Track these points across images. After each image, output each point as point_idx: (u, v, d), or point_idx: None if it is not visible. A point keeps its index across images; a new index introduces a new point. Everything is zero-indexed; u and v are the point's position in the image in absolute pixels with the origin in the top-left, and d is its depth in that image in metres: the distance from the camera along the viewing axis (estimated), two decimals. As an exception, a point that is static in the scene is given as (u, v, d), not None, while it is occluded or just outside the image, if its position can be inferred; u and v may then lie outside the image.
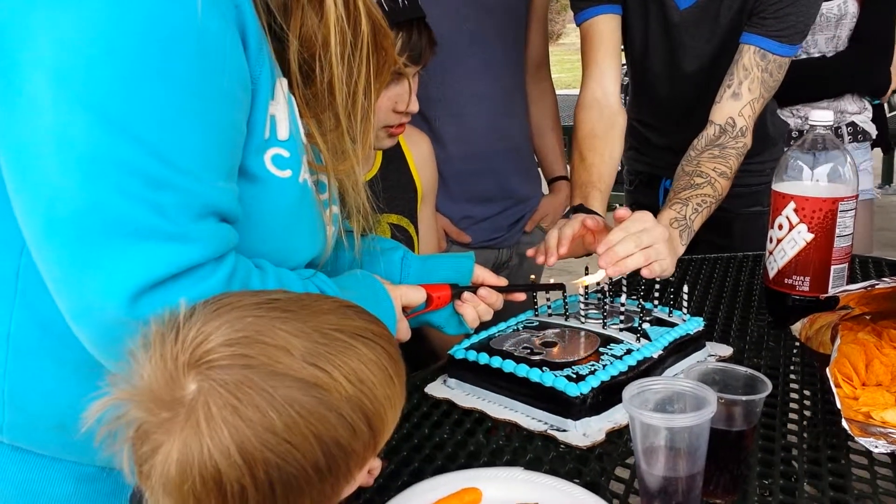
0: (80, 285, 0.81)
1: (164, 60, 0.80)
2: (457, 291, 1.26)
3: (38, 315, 0.90)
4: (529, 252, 1.47)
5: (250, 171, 0.93)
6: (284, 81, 0.95)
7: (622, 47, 1.88)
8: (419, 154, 1.79)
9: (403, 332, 1.18)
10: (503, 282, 1.31)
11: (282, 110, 0.95)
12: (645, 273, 1.38)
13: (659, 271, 1.40)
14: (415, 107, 1.54)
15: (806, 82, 2.31)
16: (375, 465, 1.02)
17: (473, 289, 1.28)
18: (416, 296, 1.20)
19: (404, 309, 1.18)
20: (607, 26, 1.79)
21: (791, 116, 2.39)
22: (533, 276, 1.37)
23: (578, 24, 1.83)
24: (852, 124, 2.44)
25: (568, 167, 2.36)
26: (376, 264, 1.27)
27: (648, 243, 1.37)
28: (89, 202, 0.78)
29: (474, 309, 1.27)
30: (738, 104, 1.71)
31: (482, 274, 1.30)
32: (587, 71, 1.82)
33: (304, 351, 0.71)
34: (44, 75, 0.77)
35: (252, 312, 0.73)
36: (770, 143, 1.85)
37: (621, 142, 1.78)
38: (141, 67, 0.79)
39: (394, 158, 1.72)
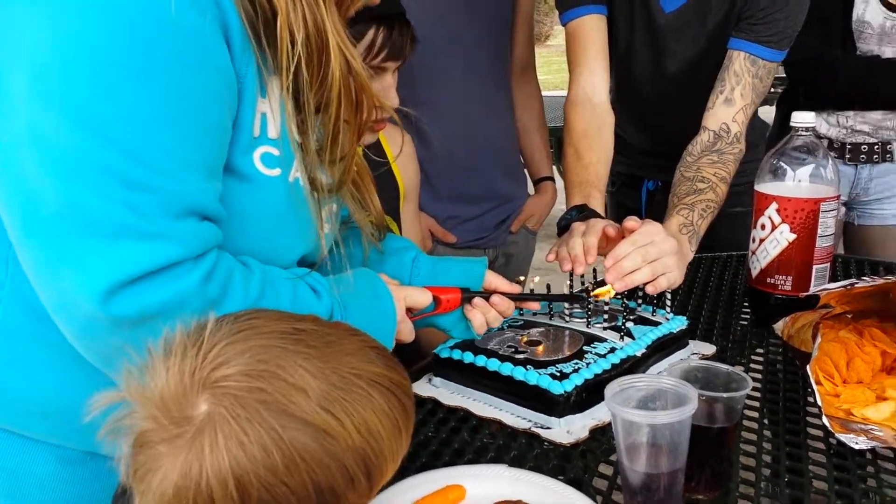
0: (57, 281, 0.82)
1: (140, 61, 0.80)
2: (467, 296, 1.23)
3: (27, 302, 0.91)
4: (550, 257, 1.43)
5: (238, 169, 0.93)
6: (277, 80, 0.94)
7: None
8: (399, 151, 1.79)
9: (406, 333, 1.16)
10: (517, 289, 1.28)
11: (273, 108, 0.94)
12: (649, 290, 1.36)
13: (666, 285, 1.38)
14: (395, 101, 1.54)
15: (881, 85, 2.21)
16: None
17: (486, 295, 1.24)
18: (422, 298, 1.17)
19: (410, 310, 1.17)
20: (594, 26, 1.79)
21: (836, 126, 2.30)
22: (521, 278, 1.36)
23: (564, 24, 1.83)
24: None
25: (554, 168, 2.38)
26: (386, 263, 1.26)
27: (655, 256, 1.35)
28: (66, 202, 0.79)
29: (483, 315, 1.24)
30: (731, 110, 1.72)
31: (494, 280, 1.27)
32: (576, 69, 1.81)
33: (320, 394, 0.70)
34: (22, 76, 0.78)
35: (277, 342, 0.72)
36: (751, 144, 1.87)
37: (612, 142, 1.78)
38: (117, 69, 0.79)
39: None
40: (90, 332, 0.84)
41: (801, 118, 1.48)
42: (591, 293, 1.33)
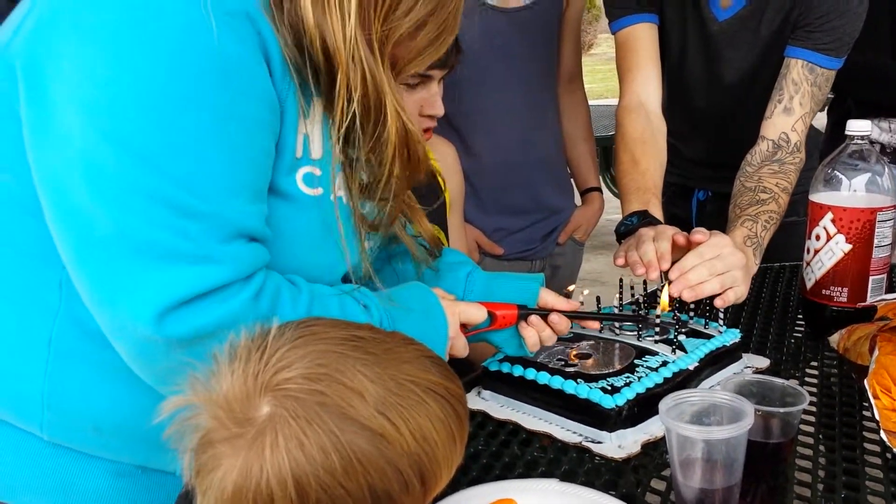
0: (111, 305, 0.85)
1: (187, 91, 0.82)
2: (523, 313, 1.21)
3: (80, 322, 0.93)
4: (619, 262, 1.42)
5: (281, 189, 0.95)
6: (321, 100, 0.96)
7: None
8: (445, 163, 1.80)
9: (460, 348, 1.15)
10: (574, 306, 1.26)
11: (316, 129, 0.96)
12: (718, 303, 1.35)
13: (733, 299, 1.36)
14: (440, 110, 1.54)
15: None
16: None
17: (544, 313, 1.22)
18: (477, 314, 1.16)
19: (465, 326, 1.16)
20: (645, 34, 1.78)
21: (888, 132, 2.26)
22: (571, 288, 1.35)
23: (614, 33, 1.82)
24: None
25: (600, 178, 2.37)
26: (442, 279, 1.26)
27: (723, 270, 1.34)
28: (118, 229, 0.82)
29: (538, 333, 1.22)
30: (790, 119, 1.70)
31: (550, 298, 1.25)
32: (628, 76, 1.80)
33: (377, 399, 0.71)
34: (73, 108, 0.81)
35: (336, 348, 0.74)
36: (805, 153, 1.84)
37: (665, 150, 1.77)
38: (165, 100, 0.81)
39: None
40: (147, 353, 0.86)
41: (857, 126, 1.45)
42: (654, 314, 1.32)
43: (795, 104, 1.69)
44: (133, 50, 0.80)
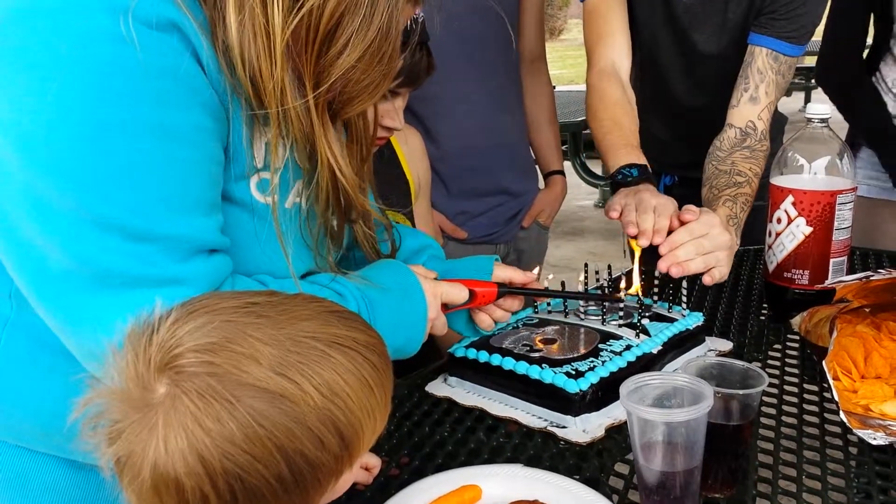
0: (78, 334, 0.84)
1: (122, 114, 0.79)
2: (504, 291, 1.24)
3: (31, 331, 0.92)
4: (613, 215, 1.42)
5: (232, 196, 0.93)
6: None
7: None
8: (409, 150, 1.80)
9: (440, 326, 1.17)
10: (532, 277, 1.29)
11: (273, 140, 0.94)
12: (706, 280, 1.38)
13: (718, 277, 1.40)
14: (399, 124, 1.55)
15: None
16: (374, 463, 1.02)
17: (520, 291, 1.25)
18: (458, 294, 1.18)
19: (446, 306, 1.17)
20: (614, 3, 1.77)
21: None
22: (536, 269, 1.36)
23: (582, 1, 1.82)
24: None
25: (568, 163, 2.37)
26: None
27: (709, 249, 1.37)
28: (74, 262, 0.80)
29: (489, 316, 1.26)
30: (756, 108, 1.71)
31: (506, 273, 1.27)
32: (599, 42, 1.78)
33: (272, 360, 0.70)
34: (7, 140, 0.78)
35: (226, 317, 0.72)
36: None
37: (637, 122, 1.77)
38: (100, 125, 0.78)
39: (384, 155, 1.72)
40: None
41: (816, 110, 1.47)
42: (621, 292, 1.33)
43: (761, 93, 1.70)
44: (62, 80, 0.77)
